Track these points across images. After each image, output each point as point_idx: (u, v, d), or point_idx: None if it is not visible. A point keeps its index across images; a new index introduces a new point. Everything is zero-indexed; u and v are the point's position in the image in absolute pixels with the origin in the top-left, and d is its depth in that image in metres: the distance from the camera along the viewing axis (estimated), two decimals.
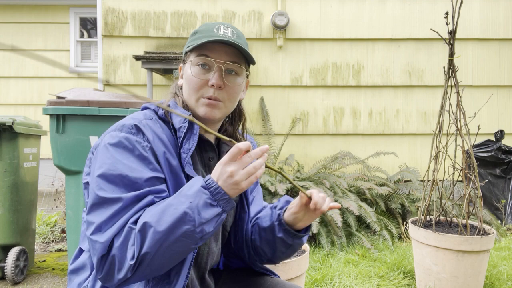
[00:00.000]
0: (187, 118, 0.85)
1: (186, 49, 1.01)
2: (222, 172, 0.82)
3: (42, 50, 6.15)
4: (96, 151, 0.90)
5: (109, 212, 0.80)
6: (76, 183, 2.30)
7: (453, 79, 2.34)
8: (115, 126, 0.92)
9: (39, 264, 2.89)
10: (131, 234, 0.77)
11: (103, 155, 0.85)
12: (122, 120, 0.93)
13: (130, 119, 0.92)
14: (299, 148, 4.14)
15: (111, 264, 0.78)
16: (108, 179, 0.82)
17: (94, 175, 0.84)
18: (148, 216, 0.78)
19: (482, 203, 2.25)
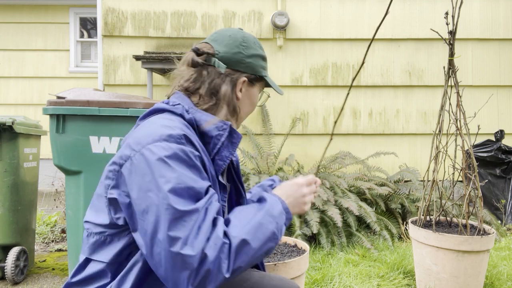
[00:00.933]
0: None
1: (261, 74, 1.10)
2: (297, 191, 0.99)
3: (42, 50, 6.15)
4: (142, 165, 0.83)
5: (191, 225, 0.79)
6: (76, 183, 2.30)
7: (453, 79, 2.34)
8: (157, 136, 0.86)
9: (39, 264, 2.89)
10: (224, 248, 0.80)
11: (163, 169, 0.82)
12: (160, 128, 0.88)
13: (172, 128, 0.88)
14: (299, 148, 4.14)
15: (204, 277, 0.78)
16: (178, 193, 0.81)
17: (163, 190, 0.80)
18: (243, 232, 0.84)
19: (482, 203, 2.25)
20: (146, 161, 0.83)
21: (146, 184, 0.82)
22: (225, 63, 1.04)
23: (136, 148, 0.86)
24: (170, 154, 0.83)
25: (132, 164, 0.85)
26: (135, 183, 0.83)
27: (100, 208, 0.92)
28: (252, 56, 1.07)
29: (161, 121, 0.92)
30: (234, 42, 1.06)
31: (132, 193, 0.84)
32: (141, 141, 0.86)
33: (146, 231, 0.80)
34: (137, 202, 0.82)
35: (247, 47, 1.07)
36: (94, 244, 0.92)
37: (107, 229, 0.91)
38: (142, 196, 0.82)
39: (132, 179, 0.84)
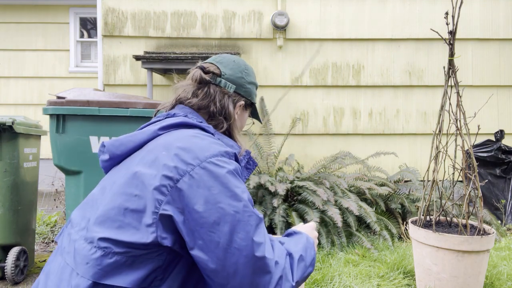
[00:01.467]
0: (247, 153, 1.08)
1: (254, 101, 1.23)
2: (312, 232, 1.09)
3: (42, 50, 6.15)
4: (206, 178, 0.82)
5: (264, 231, 0.86)
6: (76, 183, 2.30)
7: (453, 79, 2.34)
8: (215, 151, 0.88)
9: (39, 264, 2.89)
10: (287, 258, 0.89)
11: (235, 180, 0.86)
12: (213, 144, 0.90)
13: (224, 146, 0.93)
14: (299, 148, 4.13)
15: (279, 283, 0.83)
16: (251, 203, 0.88)
17: (243, 199, 0.84)
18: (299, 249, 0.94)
19: (482, 203, 2.24)
20: (212, 175, 0.83)
21: (215, 196, 0.81)
22: (227, 83, 1.12)
23: (193, 162, 0.84)
24: (234, 168, 0.88)
25: (192, 179, 0.82)
26: (200, 196, 0.81)
27: (130, 225, 0.81)
28: (251, 83, 1.18)
29: (206, 137, 0.93)
30: (238, 67, 1.15)
31: (196, 206, 0.80)
32: (198, 155, 0.85)
33: (218, 243, 0.80)
34: (204, 215, 0.80)
35: (248, 74, 1.18)
36: (111, 266, 0.80)
37: (137, 249, 0.80)
38: (212, 209, 0.81)
39: (194, 193, 0.81)
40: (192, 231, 0.81)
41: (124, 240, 0.80)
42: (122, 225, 0.82)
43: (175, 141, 0.89)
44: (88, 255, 0.81)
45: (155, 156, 0.87)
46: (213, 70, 1.12)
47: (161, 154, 0.86)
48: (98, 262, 0.80)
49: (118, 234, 0.81)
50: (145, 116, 2.29)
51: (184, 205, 0.81)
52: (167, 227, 0.81)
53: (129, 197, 0.83)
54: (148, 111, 2.30)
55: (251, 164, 1.10)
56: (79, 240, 0.85)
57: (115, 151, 0.96)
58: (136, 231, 0.81)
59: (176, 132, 0.95)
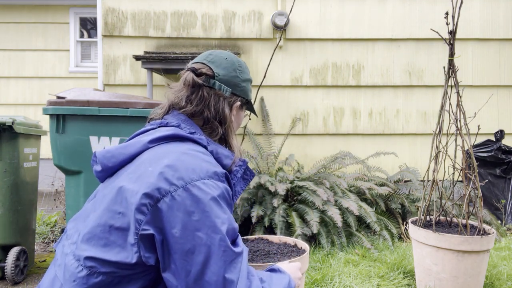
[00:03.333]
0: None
1: (250, 98, 1.14)
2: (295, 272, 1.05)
3: (42, 50, 6.15)
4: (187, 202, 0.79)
5: (239, 268, 0.81)
6: (76, 183, 2.30)
7: (453, 79, 2.34)
8: (203, 172, 0.83)
9: (39, 264, 2.89)
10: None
11: (217, 209, 0.81)
12: (202, 163, 0.85)
13: (214, 165, 0.88)
14: (299, 148, 4.14)
15: None
16: (230, 234, 0.82)
17: (221, 232, 0.79)
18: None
19: (482, 203, 2.24)
20: (195, 199, 0.79)
21: (194, 223, 0.78)
22: (221, 84, 1.04)
23: (177, 183, 0.80)
24: (220, 194, 0.83)
25: (173, 200, 0.78)
26: (178, 221, 0.77)
27: (115, 244, 0.80)
28: (245, 80, 1.11)
29: (197, 154, 0.88)
30: (231, 65, 1.07)
31: (173, 230, 0.77)
32: (182, 176, 0.81)
33: (190, 272, 0.77)
34: (180, 241, 0.77)
35: (242, 71, 1.09)
36: (97, 285, 0.79)
37: (124, 270, 0.79)
38: (188, 236, 0.77)
39: (173, 216, 0.78)
40: (167, 254, 0.79)
41: (109, 260, 0.79)
42: (107, 243, 0.80)
43: (163, 157, 0.86)
44: (75, 272, 0.80)
45: (141, 171, 0.84)
46: (206, 71, 1.04)
47: (147, 170, 0.83)
48: (84, 281, 0.79)
49: (103, 253, 0.79)
50: (145, 116, 2.29)
51: (162, 226, 0.78)
52: (149, 246, 0.79)
53: (113, 214, 0.82)
54: (148, 111, 2.30)
55: (248, 175, 1.05)
56: (69, 255, 0.83)
57: (106, 163, 0.92)
58: (122, 249, 0.79)
59: (165, 146, 0.90)
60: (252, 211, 2.99)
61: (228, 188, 0.87)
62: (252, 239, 2.13)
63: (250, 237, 2.14)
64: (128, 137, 1.03)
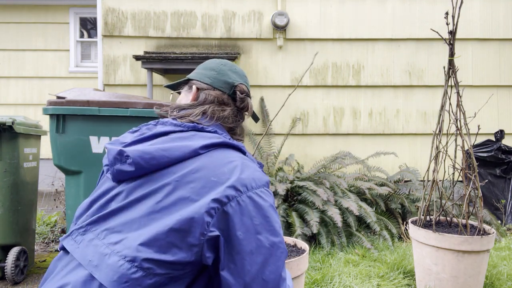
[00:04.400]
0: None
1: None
2: None
3: (42, 50, 6.15)
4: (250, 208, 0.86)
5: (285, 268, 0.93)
6: (76, 183, 2.30)
7: (453, 79, 2.34)
8: (261, 181, 0.92)
9: (39, 264, 2.89)
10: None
11: (275, 215, 0.90)
12: (258, 173, 0.94)
13: (264, 174, 0.95)
14: (299, 148, 4.13)
15: None
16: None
17: (280, 235, 0.89)
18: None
19: (482, 203, 2.24)
20: (257, 205, 0.88)
21: (256, 226, 0.86)
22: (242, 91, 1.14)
23: (242, 189, 0.87)
24: (273, 201, 0.93)
25: (238, 205, 0.85)
26: (243, 224, 0.85)
27: (172, 245, 0.81)
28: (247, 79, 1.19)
29: (249, 163, 0.96)
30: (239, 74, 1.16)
31: (238, 232, 0.84)
32: (245, 184, 0.89)
33: (249, 272, 0.83)
34: (243, 242, 0.84)
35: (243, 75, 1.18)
36: (150, 286, 0.79)
37: (178, 270, 0.82)
38: (250, 238, 0.84)
39: (238, 219, 0.85)
40: (229, 254, 0.84)
41: (167, 260, 0.80)
42: (163, 245, 0.81)
43: (222, 165, 0.92)
44: (128, 274, 0.79)
45: (205, 181, 0.87)
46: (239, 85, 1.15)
47: (211, 180, 0.88)
48: (138, 282, 0.79)
49: (160, 255, 0.80)
50: (145, 116, 2.29)
51: (228, 229, 0.84)
52: (211, 246, 0.84)
53: (172, 217, 0.83)
54: (148, 111, 2.30)
55: None
56: (113, 256, 0.82)
57: (143, 164, 0.89)
58: (179, 250, 0.81)
59: (218, 154, 0.94)
60: None
61: None
62: None
63: None
64: None
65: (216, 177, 0.88)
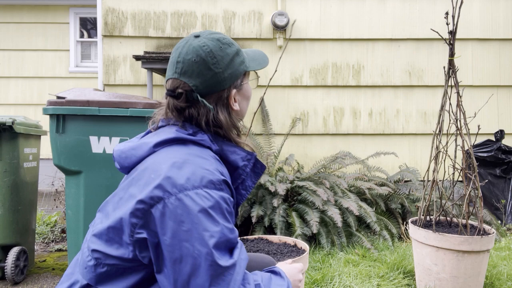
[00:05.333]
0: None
1: (244, 70, 1.03)
2: (296, 275, 1.06)
3: (42, 50, 6.15)
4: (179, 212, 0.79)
5: (229, 279, 0.79)
6: (76, 183, 2.30)
7: (453, 79, 2.34)
8: (197, 181, 0.81)
9: (39, 264, 2.89)
10: None
11: (206, 221, 0.79)
12: (198, 170, 0.83)
13: (212, 172, 0.84)
14: (299, 148, 4.14)
15: None
16: (220, 247, 0.80)
17: (208, 246, 0.78)
18: None
19: (482, 203, 2.24)
20: (186, 209, 0.79)
21: (183, 233, 0.78)
22: (208, 92, 0.97)
23: (171, 190, 0.80)
24: (213, 204, 0.81)
25: (165, 207, 0.80)
26: (169, 228, 0.79)
27: (113, 240, 0.85)
28: (228, 65, 0.98)
29: (195, 159, 0.86)
30: (203, 65, 0.96)
31: (164, 237, 0.79)
32: (176, 183, 0.81)
33: (177, 280, 0.78)
34: (169, 248, 0.79)
35: (218, 60, 0.97)
36: (103, 274, 0.86)
37: (125, 263, 0.84)
38: (177, 244, 0.78)
39: (165, 223, 0.79)
40: (158, 257, 0.81)
41: (113, 254, 0.85)
42: (109, 239, 0.86)
43: (163, 162, 0.86)
44: (86, 261, 0.88)
45: (145, 178, 0.86)
46: (183, 88, 0.96)
47: (150, 177, 0.85)
48: (91, 269, 0.87)
49: (107, 248, 0.86)
50: (145, 116, 2.29)
51: (156, 231, 0.81)
52: (143, 247, 0.83)
53: (116, 213, 0.87)
54: (148, 111, 2.30)
55: (258, 168, 1.02)
56: (85, 244, 0.92)
57: (123, 163, 0.96)
58: (119, 246, 0.85)
59: (166, 151, 0.90)
60: (252, 211, 3.00)
61: (227, 196, 0.85)
62: (252, 239, 2.13)
63: (250, 237, 2.14)
64: (129, 137, 1.05)
65: (154, 174, 0.85)
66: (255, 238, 2.14)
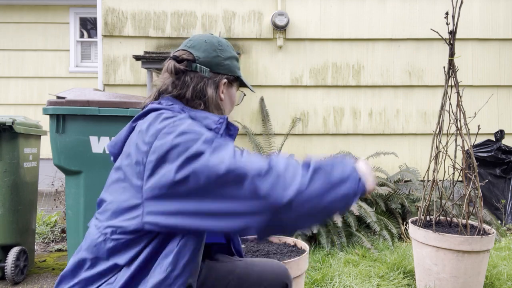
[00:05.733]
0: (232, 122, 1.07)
1: (237, 74, 1.16)
2: (370, 172, 1.01)
3: (42, 50, 6.15)
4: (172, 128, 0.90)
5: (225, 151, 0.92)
6: (76, 183, 2.30)
7: (453, 79, 2.34)
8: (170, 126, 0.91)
9: (39, 264, 2.89)
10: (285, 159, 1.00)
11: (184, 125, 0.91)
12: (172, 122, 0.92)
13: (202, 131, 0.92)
14: (299, 148, 4.13)
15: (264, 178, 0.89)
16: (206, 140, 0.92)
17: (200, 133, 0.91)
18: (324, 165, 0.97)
19: (482, 203, 2.24)
20: (166, 131, 0.91)
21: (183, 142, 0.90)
22: (206, 67, 1.10)
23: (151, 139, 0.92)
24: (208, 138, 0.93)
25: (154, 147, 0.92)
26: (163, 145, 0.90)
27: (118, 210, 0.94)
28: (228, 58, 1.14)
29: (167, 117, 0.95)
30: (211, 46, 1.12)
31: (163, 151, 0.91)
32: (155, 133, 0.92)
33: None
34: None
35: (223, 50, 1.13)
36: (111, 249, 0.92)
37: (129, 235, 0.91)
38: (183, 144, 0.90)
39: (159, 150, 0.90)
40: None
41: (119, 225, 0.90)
42: (116, 211, 0.92)
43: (140, 131, 0.95)
44: (95, 239, 0.94)
45: (129, 151, 0.96)
46: (187, 57, 1.10)
47: (133, 148, 0.94)
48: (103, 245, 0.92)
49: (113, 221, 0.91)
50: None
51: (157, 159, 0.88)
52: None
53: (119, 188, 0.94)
54: None
55: (231, 129, 1.07)
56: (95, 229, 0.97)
57: (113, 151, 1.07)
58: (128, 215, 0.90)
59: (142, 121, 0.99)
60: None
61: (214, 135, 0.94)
62: (252, 239, 2.13)
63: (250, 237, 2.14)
64: None
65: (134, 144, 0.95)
66: (255, 238, 2.14)
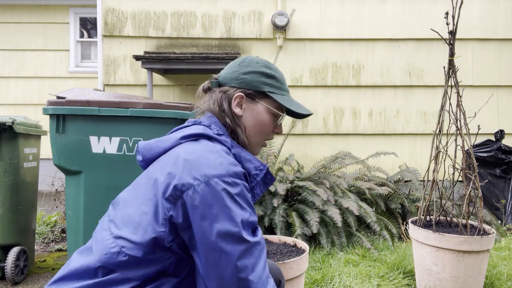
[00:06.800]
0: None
1: (261, 89, 1.13)
2: None
3: (42, 50, 6.15)
4: (208, 196, 0.87)
5: (256, 254, 0.89)
6: (76, 183, 2.30)
7: (453, 79, 2.34)
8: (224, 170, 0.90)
9: (39, 264, 2.89)
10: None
11: (235, 205, 0.88)
12: (223, 162, 0.92)
13: (235, 165, 0.94)
14: (299, 148, 4.13)
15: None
16: (245, 227, 0.89)
17: (236, 224, 0.87)
18: None
19: (482, 203, 2.24)
20: (215, 194, 0.87)
21: (212, 215, 0.86)
22: (222, 82, 1.14)
23: (201, 178, 0.88)
24: (238, 191, 0.90)
25: (195, 193, 0.87)
26: (199, 212, 0.86)
27: (139, 225, 0.90)
28: (248, 72, 1.13)
29: (222, 153, 0.95)
30: (234, 63, 1.16)
31: (195, 220, 0.87)
32: (206, 172, 0.88)
33: (208, 258, 0.86)
34: (200, 229, 0.87)
35: (245, 65, 1.15)
36: (124, 262, 0.89)
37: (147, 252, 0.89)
38: (207, 226, 0.86)
39: (195, 207, 0.87)
40: (191, 237, 0.88)
41: (136, 241, 0.88)
42: (136, 226, 0.90)
43: (190, 153, 0.94)
44: (109, 247, 0.91)
45: (171, 166, 0.93)
46: (215, 77, 1.17)
47: (176, 165, 0.92)
48: (112, 256, 0.90)
49: (132, 235, 0.90)
50: (145, 116, 2.29)
51: (187, 215, 0.87)
52: (173, 231, 0.89)
53: (146, 200, 0.92)
54: (148, 111, 2.30)
55: (268, 179, 1.10)
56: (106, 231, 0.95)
57: (146, 154, 1.05)
58: (145, 233, 0.89)
59: (194, 143, 0.99)
60: None
61: (247, 186, 0.95)
62: None
63: None
64: (129, 137, 1.09)
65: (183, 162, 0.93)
66: None
